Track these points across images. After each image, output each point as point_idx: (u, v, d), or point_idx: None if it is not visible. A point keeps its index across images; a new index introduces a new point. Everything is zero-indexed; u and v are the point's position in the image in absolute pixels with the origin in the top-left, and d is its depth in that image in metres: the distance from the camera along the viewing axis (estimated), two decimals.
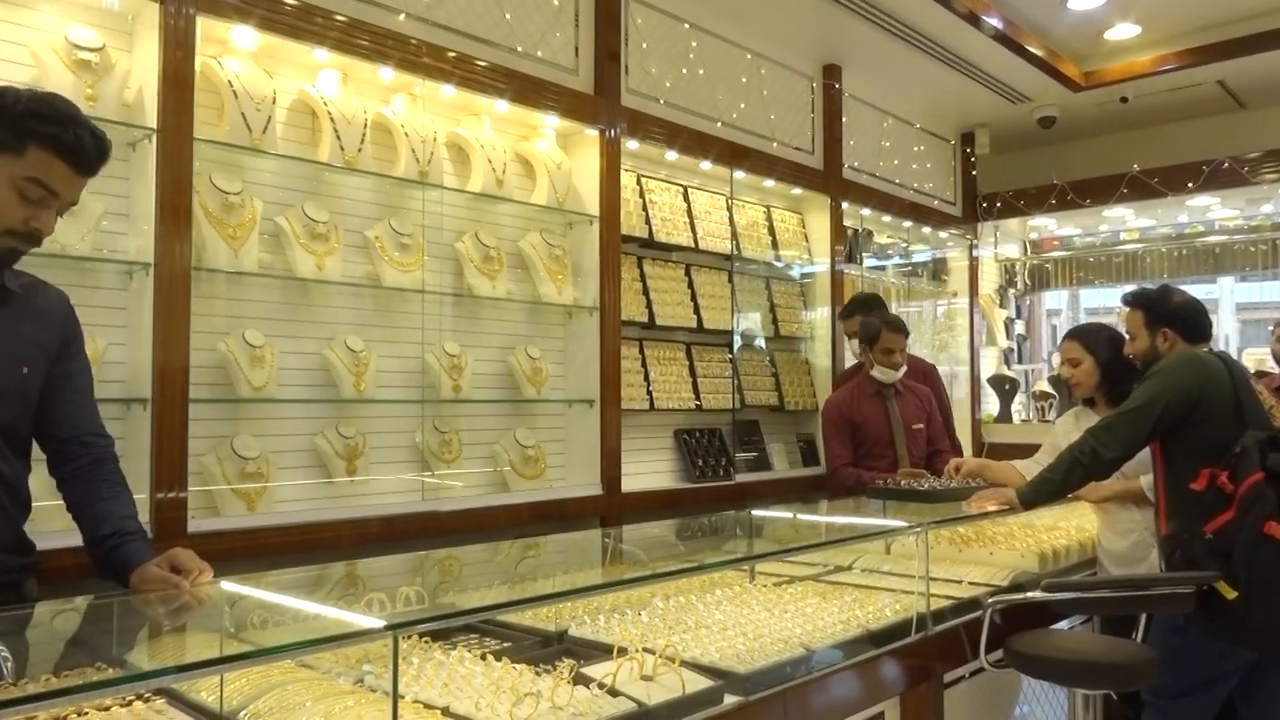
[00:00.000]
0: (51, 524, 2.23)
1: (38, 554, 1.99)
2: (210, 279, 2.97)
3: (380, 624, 1.35)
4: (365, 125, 3.36)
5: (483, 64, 3.60)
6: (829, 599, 2.62)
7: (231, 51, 3.10)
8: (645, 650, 1.91)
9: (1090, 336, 3.35)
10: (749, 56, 4.94)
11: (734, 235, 4.84)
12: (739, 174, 4.82)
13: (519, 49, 3.83)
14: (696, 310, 4.60)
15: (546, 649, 2.20)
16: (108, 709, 1.66)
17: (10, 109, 1.78)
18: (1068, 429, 3.41)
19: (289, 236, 3.15)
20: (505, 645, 2.21)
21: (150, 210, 2.74)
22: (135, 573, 1.88)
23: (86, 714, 1.63)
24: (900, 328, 4.23)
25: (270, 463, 3.08)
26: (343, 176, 3.37)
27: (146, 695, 1.73)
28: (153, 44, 2.80)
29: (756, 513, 3.26)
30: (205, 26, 2.89)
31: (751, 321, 4.99)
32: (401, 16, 3.43)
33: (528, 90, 3.77)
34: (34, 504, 2.00)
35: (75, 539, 2.00)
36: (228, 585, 1.84)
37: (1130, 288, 3.28)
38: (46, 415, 1.98)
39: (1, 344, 1.88)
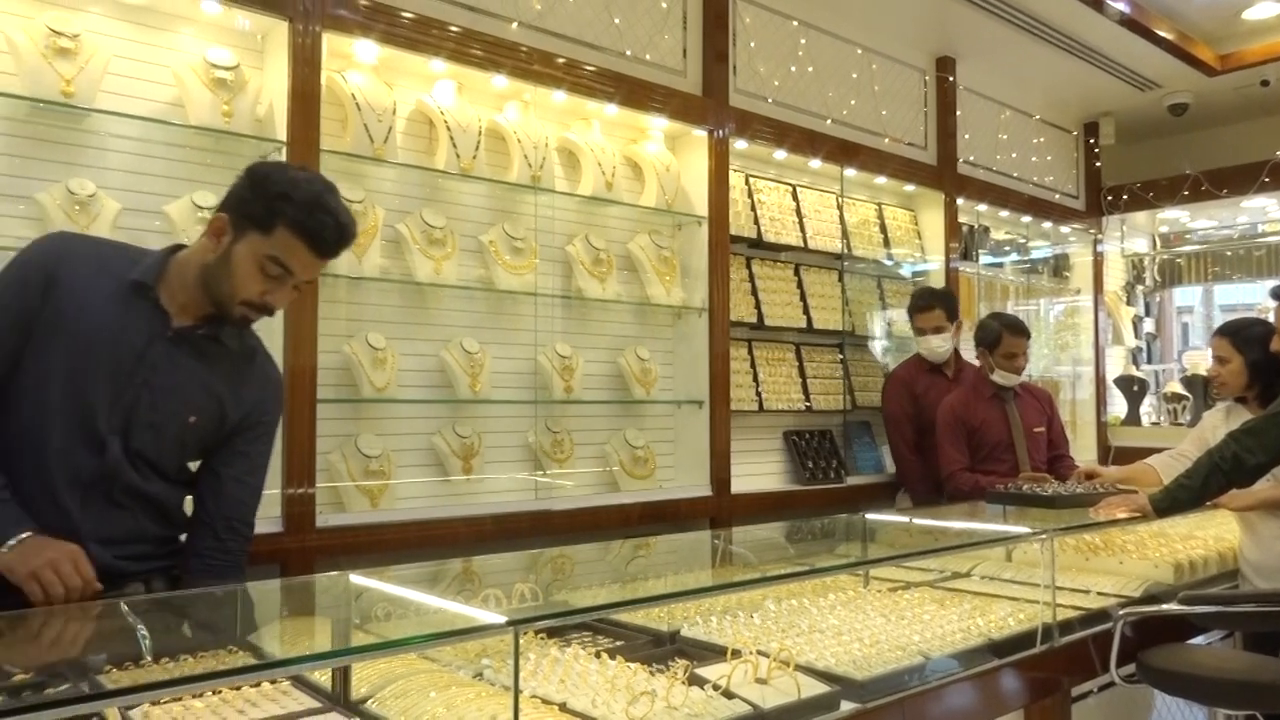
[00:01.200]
0: None
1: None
2: (335, 284, 3.10)
3: (501, 619, 1.38)
4: (480, 132, 3.44)
5: (592, 69, 3.65)
6: (947, 606, 2.55)
7: (354, 65, 3.23)
8: (759, 653, 1.90)
9: (1240, 334, 3.16)
10: (859, 52, 4.85)
11: (844, 234, 4.77)
12: (849, 171, 4.74)
13: (627, 53, 3.86)
14: (806, 310, 4.54)
15: (659, 649, 2.21)
16: (238, 689, 1.75)
17: (268, 189, 1.89)
18: (1215, 425, 3.23)
19: (408, 242, 3.26)
20: (618, 644, 2.23)
21: None
22: None
23: (220, 692, 1.72)
24: (1021, 330, 4.08)
25: (391, 461, 3.19)
26: (458, 183, 3.47)
27: (274, 678, 1.82)
28: (282, 61, 2.94)
29: (871, 516, 3.20)
30: (330, 42, 3.01)
31: (863, 321, 4.90)
32: (514, 25, 3.50)
33: (636, 93, 3.79)
34: None
35: None
36: (355, 578, 1.91)
37: (1273, 283, 3.08)
38: (207, 477, 2.09)
39: (183, 387, 1.98)
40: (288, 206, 1.89)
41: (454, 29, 3.28)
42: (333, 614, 1.91)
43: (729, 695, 1.78)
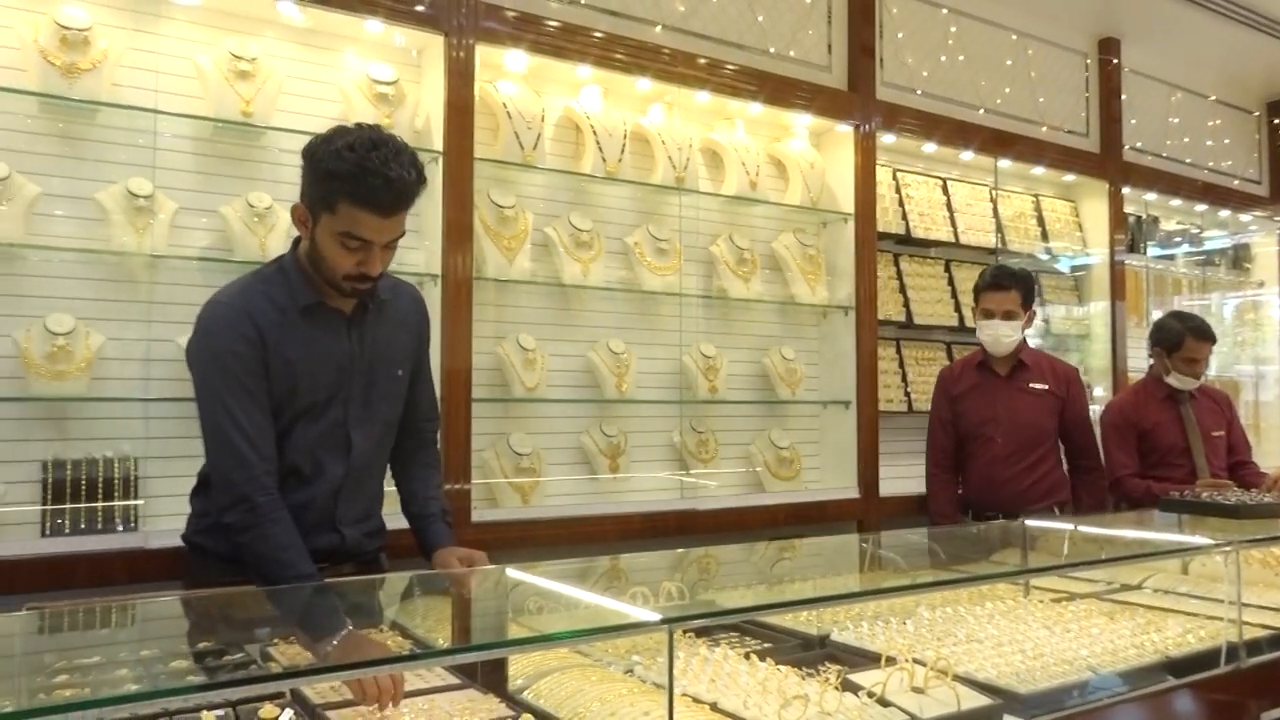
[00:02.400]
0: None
1: (386, 533, 2.30)
2: (487, 287, 3.20)
3: (656, 617, 1.39)
4: (625, 136, 3.49)
5: (734, 68, 3.64)
6: (1117, 620, 2.40)
7: (505, 75, 3.33)
8: (915, 661, 1.85)
9: None
10: (1014, 37, 4.65)
11: (998, 227, 4.58)
12: (1004, 162, 4.55)
13: (771, 50, 3.83)
14: (958, 308, 4.39)
15: (808, 652, 2.18)
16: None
17: (318, 171, 1.93)
18: None
19: (556, 245, 3.34)
20: (766, 646, 2.21)
21: (437, 226, 3.00)
22: (436, 554, 2.12)
23: None
24: (1208, 335, 3.75)
25: (541, 459, 3.27)
26: (604, 186, 3.53)
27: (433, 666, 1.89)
28: (438, 75, 3.06)
29: (1030, 522, 3.06)
30: (482, 54, 3.12)
31: None
32: (658, 28, 3.53)
33: (780, 91, 3.76)
34: None
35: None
36: (511, 572, 1.97)
37: None
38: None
39: (382, 353, 2.14)
40: (338, 183, 1.90)
41: (598, 35, 3.34)
42: (490, 605, 1.98)
43: (884, 703, 1.73)
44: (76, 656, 1.55)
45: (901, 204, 4.26)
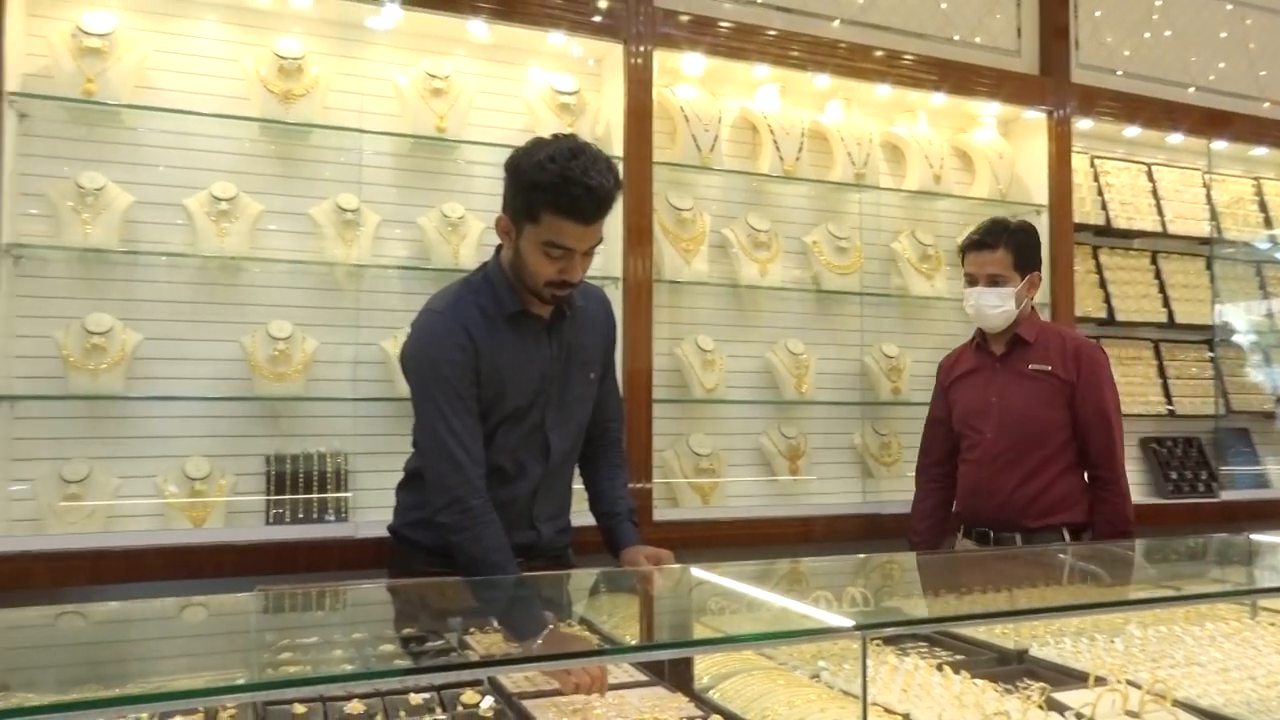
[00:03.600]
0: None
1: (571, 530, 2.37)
2: (667, 289, 3.24)
3: (849, 623, 1.37)
4: (802, 134, 3.45)
5: (916, 58, 3.52)
6: None
7: (682, 79, 3.35)
8: (1129, 683, 1.73)
9: None
10: (1229, 7, 4.26)
11: (1213, 215, 4.21)
12: (1218, 144, 4.18)
13: (955, 37, 3.69)
14: (1166, 303, 4.07)
15: (1004, 667, 2.07)
16: None
17: (520, 183, 1.99)
18: None
19: (734, 246, 3.33)
20: (958, 658, 2.12)
21: (617, 230, 3.06)
22: (625, 552, 2.16)
23: None
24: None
25: (721, 459, 3.28)
26: (782, 185, 3.49)
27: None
28: (617, 82, 3.13)
29: (1256, 537, 2.79)
30: (660, 59, 3.16)
31: (1238, 313, 4.29)
32: (835, 23, 3.47)
33: (965, 79, 3.61)
34: None
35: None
36: (696, 571, 1.98)
37: None
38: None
39: (577, 357, 2.21)
40: (541, 194, 1.95)
41: (773, 33, 3.31)
42: (677, 604, 2.00)
43: None
44: (297, 636, 1.68)
45: (1100, 193, 3.99)
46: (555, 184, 1.94)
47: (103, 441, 2.70)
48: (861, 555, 2.86)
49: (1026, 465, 2.79)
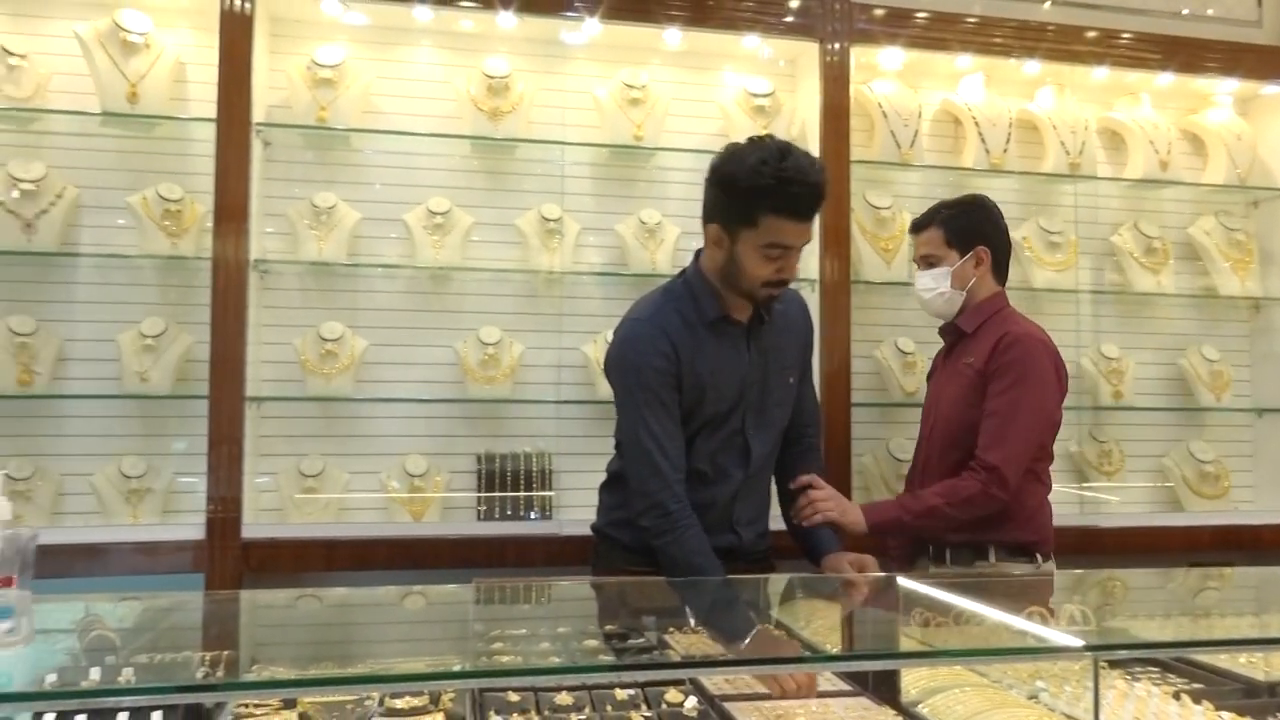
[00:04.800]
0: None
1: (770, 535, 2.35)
2: (868, 290, 3.16)
3: (1078, 643, 1.28)
4: (1009, 124, 3.28)
5: (1134, 36, 3.27)
6: None
7: (879, 74, 3.27)
8: None
9: None
10: None
11: None
12: None
13: (1184, 11, 3.39)
14: None
15: (1253, 699, 1.88)
16: None
17: (737, 190, 2.00)
18: None
19: None
20: (1196, 687, 1.95)
21: (814, 231, 3.00)
22: (827, 559, 2.12)
23: None
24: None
25: None
26: (988, 179, 3.32)
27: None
28: (812, 82, 3.08)
29: None
30: (856, 55, 3.09)
31: None
32: (1046, 4, 3.28)
33: (1195, 55, 3.31)
34: None
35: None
36: (902, 580, 1.93)
37: None
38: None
39: (775, 361, 2.21)
40: (761, 199, 1.96)
41: (973, 20, 3.16)
42: (881, 613, 1.95)
43: None
44: (507, 627, 1.76)
45: None
46: (773, 187, 1.95)
47: (335, 439, 2.94)
48: (1079, 571, 2.69)
49: (946, 475, 2.36)
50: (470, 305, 3.03)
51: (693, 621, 1.79)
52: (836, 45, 3.05)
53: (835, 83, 3.04)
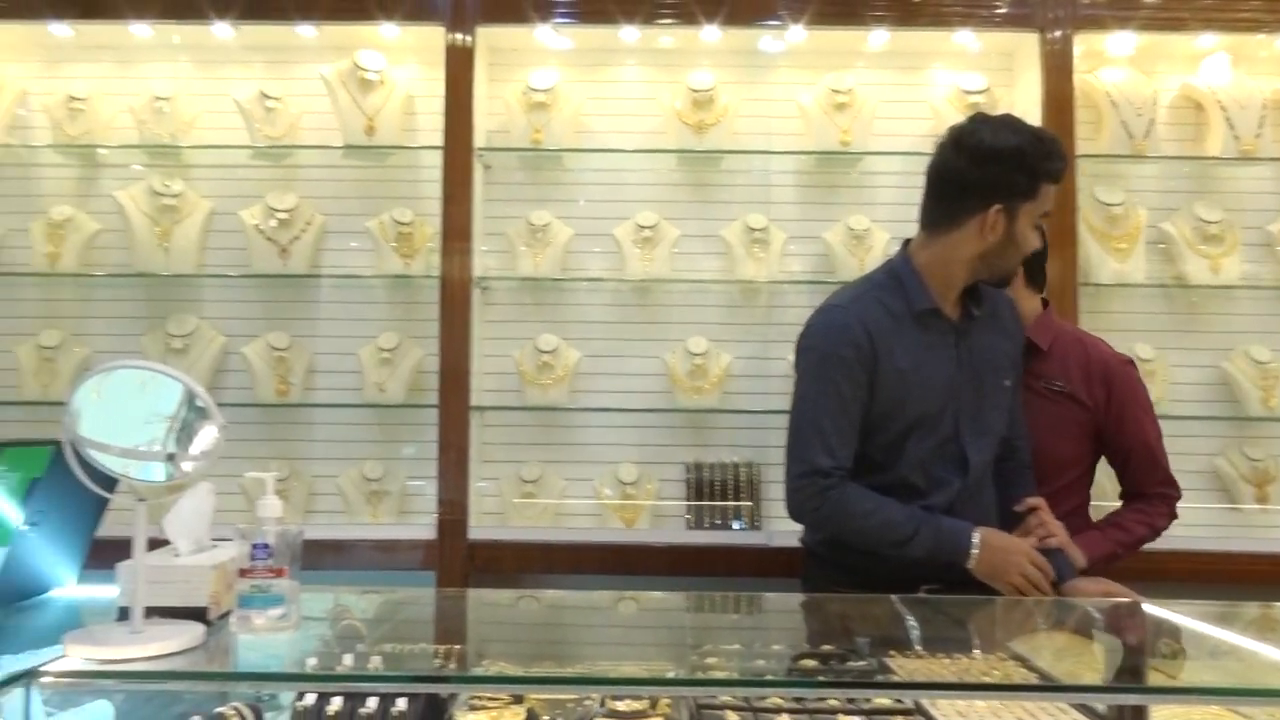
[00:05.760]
0: None
1: None
2: (1096, 293, 2.95)
3: None
4: (1263, 106, 2.97)
5: None
6: None
7: (1107, 61, 3.05)
8: None
9: None
10: None
11: None
12: None
13: None
14: None
15: None
16: None
17: (1026, 161, 1.94)
18: None
19: (1178, 241, 2.95)
20: None
21: None
22: (1067, 584, 1.99)
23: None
24: None
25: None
26: (1236, 168, 3.04)
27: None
28: (1030, 74, 2.92)
29: None
30: (1080, 43, 2.90)
31: None
32: None
33: None
34: None
35: None
36: (1149, 608, 1.78)
37: None
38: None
39: (988, 362, 2.09)
40: (1045, 165, 1.94)
41: None
42: (1129, 642, 1.80)
43: None
44: (721, 640, 1.76)
45: None
46: (1048, 151, 1.96)
47: (552, 447, 3.07)
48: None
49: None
50: (677, 316, 3.08)
51: (917, 645, 1.72)
52: (1058, 33, 2.87)
53: (1057, 73, 2.87)
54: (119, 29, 3.00)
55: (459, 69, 2.90)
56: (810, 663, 1.63)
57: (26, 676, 1.17)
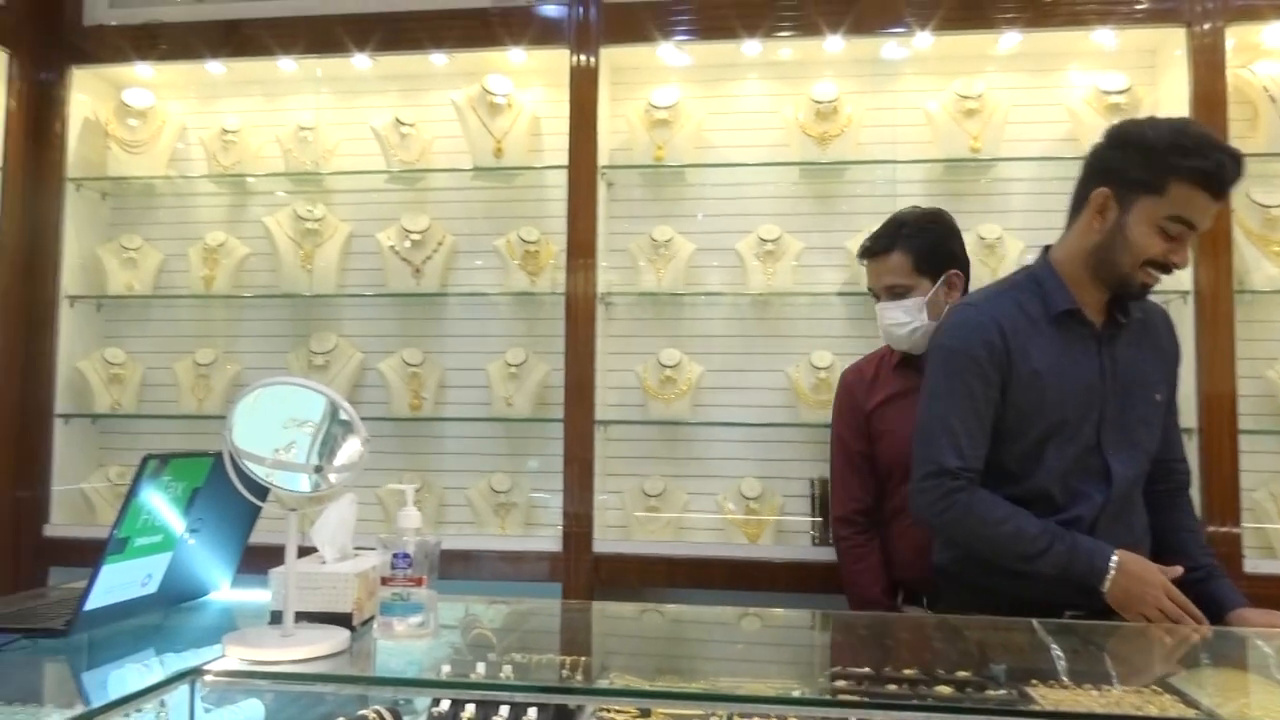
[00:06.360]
0: None
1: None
2: (1253, 302, 2.77)
3: None
4: None
5: None
6: None
7: (1264, 54, 2.86)
8: None
9: None
10: None
11: None
12: None
13: None
14: None
15: None
16: None
17: (1150, 149, 1.81)
18: None
19: None
20: None
21: None
22: (1234, 614, 1.86)
23: None
24: None
25: None
26: None
27: None
28: (1177, 71, 2.77)
29: None
30: (1233, 35, 2.73)
31: None
32: None
33: None
34: None
35: None
36: None
37: None
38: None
39: (1135, 374, 1.98)
40: (1179, 160, 1.76)
41: None
42: None
43: None
44: (848, 661, 1.72)
45: None
46: (1195, 149, 1.77)
47: (675, 461, 3.08)
48: None
49: None
50: (801, 330, 3.05)
51: (1061, 674, 1.64)
52: (1207, 26, 2.72)
53: (1208, 69, 2.71)
54: (267, 65, 3.19)
55: (583, 89, 2.95)
56: (945, 689, 1.58)
57: (191, 674, 1.25)
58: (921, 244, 2.33)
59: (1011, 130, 2.96)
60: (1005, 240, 2.89)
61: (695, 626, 2.08)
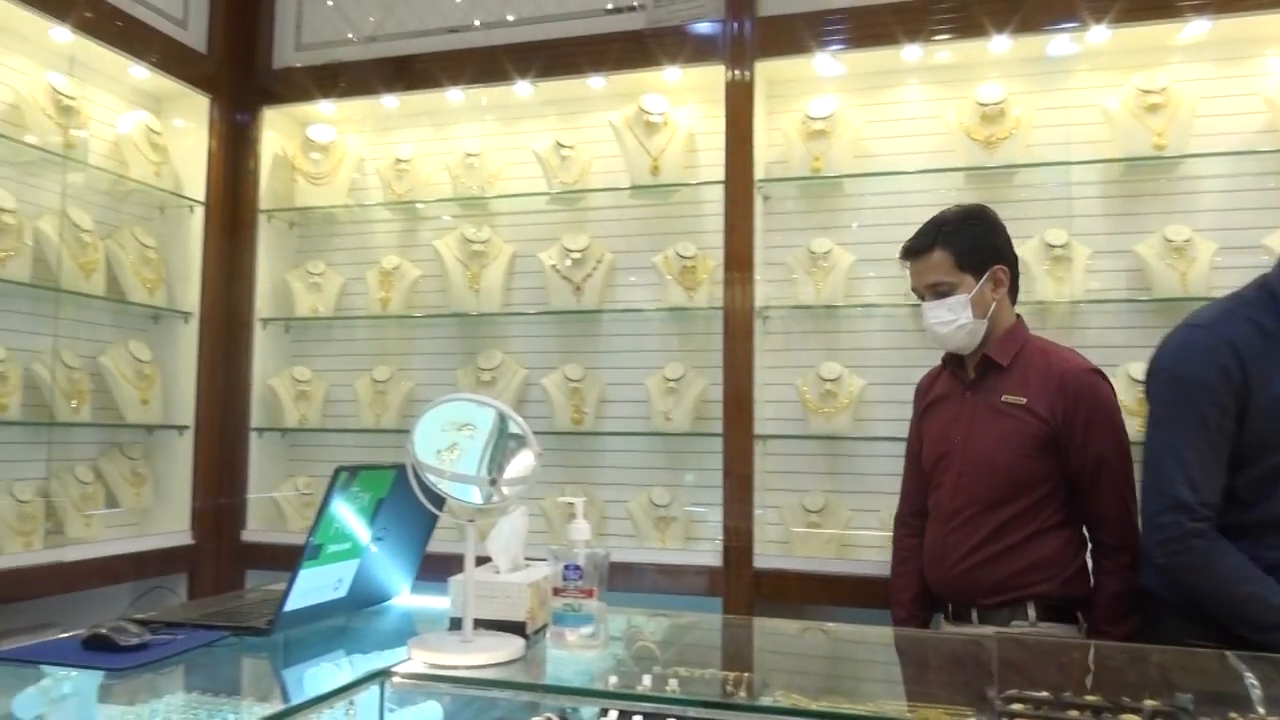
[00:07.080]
0: None
1: None
2: None
3: None
4: None
5: None
6: None
7: None
8: None
9: None
10: None
11: None
12: None
13: None
14: None
15: None
16: None
17: None
18: None
19: None
20: None
21: None
22: None
23: None
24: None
25: None
26: None
27: None
28: None
29: None
30: None
31: None
32: None
33: None
34: None
35: None
36: None
37: None
38: None
39: None
40: None
41: None
42: None
43: None
44: (1022, 684, 1.63)
45: None
46: None
47: (835, 476, 3.02)
48: None
49: (989, 525, 2.14)
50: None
51: (1259, 707, 1.51)
52: None
53: None
54: (437, 96, 3.36)
55: (739, 104, 2.96)
56: (1132, 718, 1.48)
57: (381, 675, 1.32)
58: (963, 241, 2.22)
59: (1200, 124, 2.76)
60: (1195, 242, 2.70)
61: (859, 646, 2.03)
